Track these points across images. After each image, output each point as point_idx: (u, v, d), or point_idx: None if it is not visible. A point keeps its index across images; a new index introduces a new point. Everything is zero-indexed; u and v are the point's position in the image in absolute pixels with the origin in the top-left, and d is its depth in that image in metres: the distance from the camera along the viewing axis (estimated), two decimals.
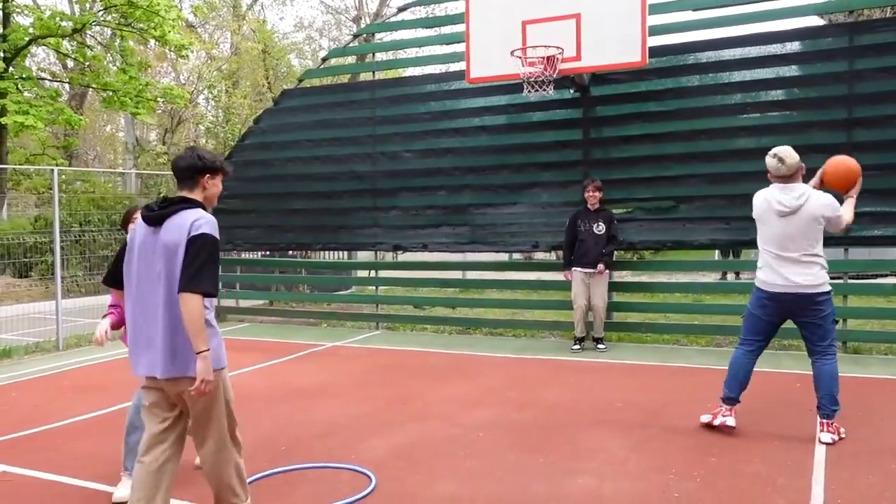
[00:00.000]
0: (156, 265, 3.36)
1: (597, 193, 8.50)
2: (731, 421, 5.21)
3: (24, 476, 4.63)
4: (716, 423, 5.27)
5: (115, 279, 3.90)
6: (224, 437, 3.54)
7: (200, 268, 3.27)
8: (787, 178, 5.00)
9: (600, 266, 8.41)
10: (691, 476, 4.40)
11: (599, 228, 8.47)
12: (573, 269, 8.59)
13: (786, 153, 4.99)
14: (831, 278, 5.17)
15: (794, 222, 4.94)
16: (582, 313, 8.60)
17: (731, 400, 5.29)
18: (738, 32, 8.50)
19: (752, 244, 5.79)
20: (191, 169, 3.48)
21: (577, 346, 8.66)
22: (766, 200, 5.08)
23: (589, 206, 8.56)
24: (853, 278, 10.12)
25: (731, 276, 14.08)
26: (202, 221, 3.35)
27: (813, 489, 4.14)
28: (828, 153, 7.88)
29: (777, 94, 8.30)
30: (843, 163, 5.20)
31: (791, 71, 8.24)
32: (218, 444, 3.52)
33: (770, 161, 5.05)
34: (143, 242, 3.41)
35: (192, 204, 3.43)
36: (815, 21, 9.31)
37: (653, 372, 7.38)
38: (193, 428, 3.54)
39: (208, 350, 3.28)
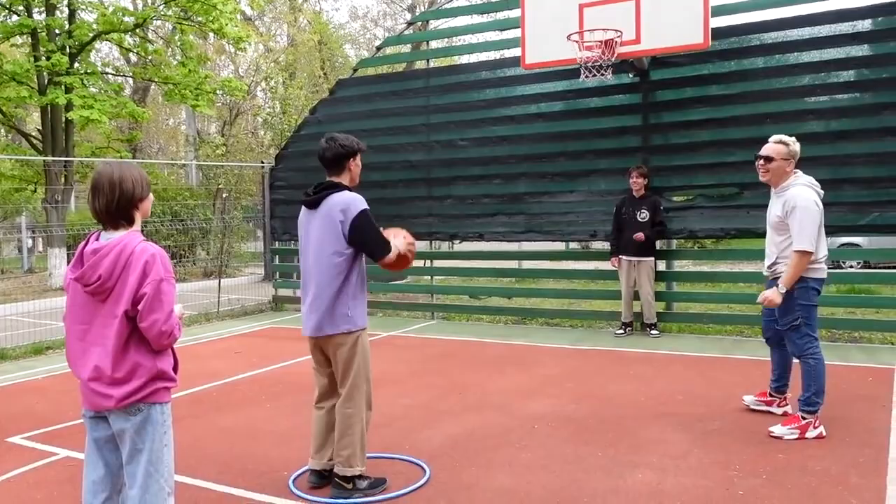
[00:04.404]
0: (311, 240, 3.96)
1: (640, 179, 8.40)
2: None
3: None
4: (811, 434, 4.79)
5: None
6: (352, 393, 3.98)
7: (375, 238, 3.89)
8: None
9: (638, 234, 8.30)
10: (756, 473, 4.23)
11: (643, 216, 8.36)
12: (619, 256, 8.62)
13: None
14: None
15: None
16: (626, 298, 8.65)
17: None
18: (805, 11, 8.14)
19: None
20: (337, 157, 3.97)
21: (621, 331, 8.73)
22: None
23: (633, 192, 8.43)
24: None
25: None
26: (354, 203, 3.85)
27: (888, 489, 3.93)
28: None
29: (848, 76, 7.93)
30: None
31: (863, 51, 7.86)
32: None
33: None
34: (306, 223, 4.01)
35: (340, 187, 3.93)
36: None
37: (715, 364, 7.17)
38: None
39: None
